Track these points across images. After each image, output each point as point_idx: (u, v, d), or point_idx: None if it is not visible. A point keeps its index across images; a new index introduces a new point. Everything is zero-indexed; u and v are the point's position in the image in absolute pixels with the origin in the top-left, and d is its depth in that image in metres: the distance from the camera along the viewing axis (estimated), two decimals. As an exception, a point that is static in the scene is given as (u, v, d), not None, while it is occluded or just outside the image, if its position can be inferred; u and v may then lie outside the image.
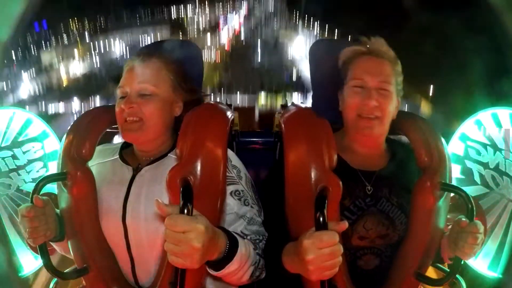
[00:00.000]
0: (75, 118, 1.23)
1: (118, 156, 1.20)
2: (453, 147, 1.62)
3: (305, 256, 0.82)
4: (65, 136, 1.15)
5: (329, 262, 0.82)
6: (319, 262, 0.81)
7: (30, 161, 1.60)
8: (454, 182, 1.21)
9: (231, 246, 0.93)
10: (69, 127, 1.17)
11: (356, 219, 1.12)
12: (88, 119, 1.18)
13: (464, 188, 1.05)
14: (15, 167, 1.59)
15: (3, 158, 1.57)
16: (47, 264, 1.03)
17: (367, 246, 1.14)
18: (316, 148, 1.06)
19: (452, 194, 1.13)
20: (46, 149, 1.62)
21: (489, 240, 1.57)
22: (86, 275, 1.10)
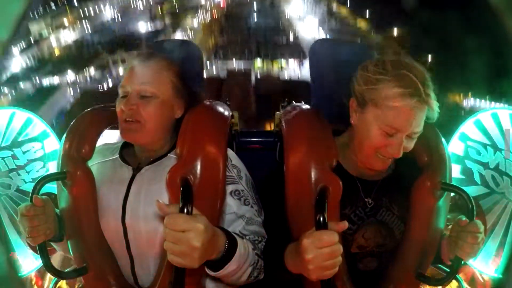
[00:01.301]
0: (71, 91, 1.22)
1: (118, 155, 1.20)
2: (453, 147, 1.62)
3: (305, 255, 0.82)
4: (65, 135, 1.15)
5: (329, 261, 0.82)
6: (319, 262, 0.81)
7: (30, 161, 1.60)
8: (454, 182, 1.20)
9: (230, 246, 0.93)
10: (69, 127, 1.17)
11: (356, 229, 1.12)
12: (88, 118, 1.18)
13: (464, 188, 1.05)
14: (15, 167, 1.59)
15: (3, 158, 1.57)
16: (47, 264, 1.03)
17: (365, 252, 1.14)
18: (316, 148, 1.06)
19: (452, 194, 1.13)
20: (46, 149, 1.62)
21: (489, 240, 1.56)
22: (85, 274, 1.10)
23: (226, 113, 1.15)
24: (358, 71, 1.07)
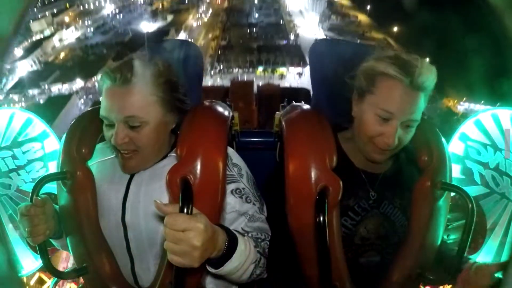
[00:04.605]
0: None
1: None
2: (453, 147, 1.62)
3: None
4: (65, 135, 1.15)
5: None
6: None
7: (30, 161, 1.60)
8: (454, 182, 1.20)
9: (230, 244, 0.93)
10: (69, 127, 1.17)
11: (359, 220, 1.13)
12: (88, 118, 1.18)
13: (464, 188, 1.05)
14: (15, 167, 1.59)
15: (3, 158, 1.57)
16: (47, 264, 1.03)
17: (367, 244, 1.14)
18: (316, 147, 1.06)
19: (452, 194, 1.13)
20: (46, 149, 1.62)
21: (489, 240, 1.56)
22: (85, 274, 1.10)
23: (226, 113, 1.15)
24: (360, 66, 1.09)
